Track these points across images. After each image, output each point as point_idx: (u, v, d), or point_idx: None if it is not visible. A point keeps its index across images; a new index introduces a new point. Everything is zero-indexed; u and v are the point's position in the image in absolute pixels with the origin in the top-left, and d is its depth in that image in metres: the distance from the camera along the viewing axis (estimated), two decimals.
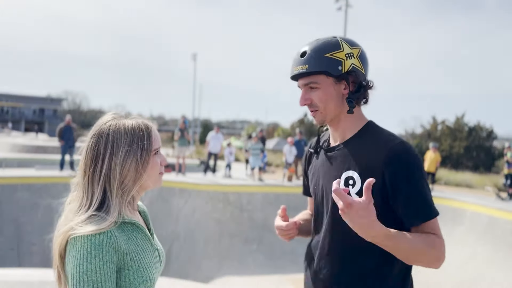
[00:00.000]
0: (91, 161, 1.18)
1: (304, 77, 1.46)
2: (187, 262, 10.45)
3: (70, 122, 12.36)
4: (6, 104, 60.96)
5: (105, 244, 1.08)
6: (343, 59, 1.41)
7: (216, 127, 13.93)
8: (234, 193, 11.74)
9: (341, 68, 1.41)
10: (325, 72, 1.41)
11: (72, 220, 1.14)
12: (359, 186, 1.39)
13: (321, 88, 1.44)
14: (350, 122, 1.49)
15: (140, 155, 1.19)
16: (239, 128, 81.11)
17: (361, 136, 1.47)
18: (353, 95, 1.44)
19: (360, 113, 1.51)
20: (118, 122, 1.21)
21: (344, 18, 26.37)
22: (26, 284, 4.29)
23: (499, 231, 9.77)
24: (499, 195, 12.37)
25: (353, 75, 1.43)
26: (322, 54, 1.41)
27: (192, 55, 41.57)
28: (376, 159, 1.37)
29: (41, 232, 10.84)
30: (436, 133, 32.66)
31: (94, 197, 1.16)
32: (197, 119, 50.47)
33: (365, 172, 1.39)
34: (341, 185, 1.42)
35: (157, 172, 1.25)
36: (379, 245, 1.29)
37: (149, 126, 1.24)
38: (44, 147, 22.21)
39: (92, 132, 1.21)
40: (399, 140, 1.39)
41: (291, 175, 13.40)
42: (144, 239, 1.22)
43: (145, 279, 1.16)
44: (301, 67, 1.43)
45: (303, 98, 1.48)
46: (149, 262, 1.20)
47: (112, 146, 1.17)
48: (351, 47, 1.44)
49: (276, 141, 35.74)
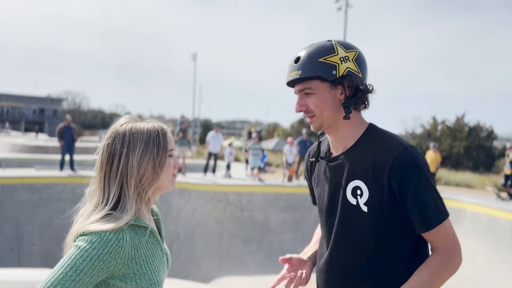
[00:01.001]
0: (107, 159, 1.20)
1: (299, 83, 1.43)
2: (187, 262, 10.45)
3: (70, 122, 12.36)
4: (6, 104, 60.98)
5: (111, 244, 1.09)
6: (338, 63, 1.37)
7: (216, 127, 13.93)
8: (234, 193, 11.74)
9: (336, 73, 1.37)
10: (319, 77, 1.38)
11: (87, 219, 1.15)
12: (367, 196, 1.37)
13: (316, 93, 1.40)
14: (349, 128, 1.45)
15: (156, 154, 1.21)
16: (239, 128, 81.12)
17: (363, 142, 1.43)
18: (349, 100, 1.40)
19: (359, 118, 1.47)
20: (134, 124, 1.24)
21: (344, 18, 26.40)
22: (26, 284, 4.29)
23: (499, 231, 9.77)
24: (499, 195, 12.38)
25: (348, 79, 1.39)
26: (315, 58, 1.38)
27: (192, 55, 41.64)
28: (381, 167, 1.35)
29: (41, 232, 10.91)
30: (436, 133, 32.69)
31: (110, 195, 1.18)
32: (197, 119, 50.50)
33: (371, 181, 1.36)
34: (348, 195, 1.41)
35: (171, 173, 1.27)
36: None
37: (164, 128, 1.27)
38: (44, 147, 22.22)
39: (108, 133, 1.23)
40: (402, 147, 1.35)
41: (291, 175, 13.40)
42: (155, 243, 1.24)
43: (152, 282, 1.17)
44: (295, 73, 1.41)
45: (299, 105, 1.44)
46: (158, 266, 1.21)
47: (129, 145, 1.19)
48: (346, 50, 1.40)
49: (276, 141, 35.77)
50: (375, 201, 1.36)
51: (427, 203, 1.33)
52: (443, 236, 1.36)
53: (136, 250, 1.14)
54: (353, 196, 1.40)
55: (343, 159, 1.45)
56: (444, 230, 1.35)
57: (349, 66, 1.39)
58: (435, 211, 1.33)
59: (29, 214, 10.60)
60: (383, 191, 1.34)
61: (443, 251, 1.36)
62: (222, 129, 61.06)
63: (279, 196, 11.99)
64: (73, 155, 12.28)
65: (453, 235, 1.38)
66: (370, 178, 1.37)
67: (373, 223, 1.37)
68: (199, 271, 10.14)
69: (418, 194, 1.32)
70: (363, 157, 1.40)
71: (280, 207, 11.85)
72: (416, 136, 34.67)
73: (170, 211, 11.39)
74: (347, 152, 1.45)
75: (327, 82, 1.39)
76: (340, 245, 1.45)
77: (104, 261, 1.08)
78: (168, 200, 11.50)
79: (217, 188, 11.80)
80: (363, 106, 1.45)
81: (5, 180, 10.91)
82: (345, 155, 1.45)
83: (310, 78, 1.39)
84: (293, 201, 11.98)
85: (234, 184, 12.32)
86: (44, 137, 35.72)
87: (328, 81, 1.38)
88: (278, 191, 12.17)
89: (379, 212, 1.36)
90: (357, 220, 1.39)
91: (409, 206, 1.33)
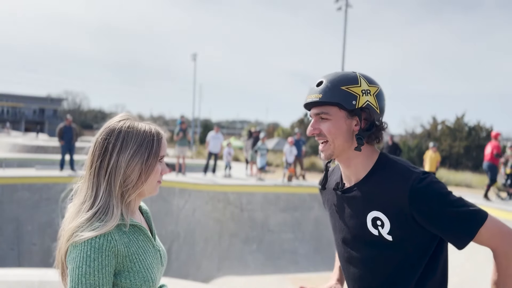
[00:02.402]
0: (98, 155, 1.19)
1: (317, 106, 1.43)
2: (187, 262, 10.46)
3: (70, 122, 12.36)
4: (6, 104, 60.96)
5: (104, 248, 1.10)
6: (359, 94, 1.39)
7: (216, 127, 13.93)
8: (234, 193, 11.74)
9: (355, 103, 1.38)
10: (339, 104, 1.38)
11: (75, 218, 1.15)
12: (389, 226, 1.37)
13: (332, 120, 1.41)
14: (362, 159, 1.45)
15: (146, 158, 1.20)
16: (239, 128, 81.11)
17: (375, 173, 1.43)
18: (363, 132, 1.41)
19: (371, 149, 1.47)
20: (131, 123, 1.23)
21: (344, 18, 26.39)
22: (26, 284, 4.29)
23: None
24: (499, 195, 12.37)
25: (366, 112, 1.40)
26: (338, 86, 1.39)
27: (192, 55, 41.60)
28: (399, 199, 1.34)
29: (41, 232, 10.91)
30: (436, 133, 32.67)
31: (99, 192, 1.17)
32: (197, 119, 50.46)
33: (391, 212, 1.36)
34: (369, 226, 1.41)
35: (156, 179, 1.26)
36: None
37: (160, 133, 1.27)
38: (44, 147, 22.23)
39: (103, 128, 1.23)
40: (415, 176, 1.34)
41: (291, 175, 13.40)
42: (146, 240, 1.24)
43: (146, 279, 1.17)
44: (315, 96, 1.42)
45: (313, 127, 1.45)
46: (151, 263, 1.21)
47: (122, 143, 1.19)
48: (369, 84, 1.42)
49: (276, 141, 35.74)
50: (398, 230, 1.36)
51: (456, 219, 1.31)
52: (489, 237, 1.32)
53: (128, 248, 1.15)
54: (374, 227, 1.40)
55: (358, 190, 1.45)
56: (487, 231, 1.31)
57: (369, 100, 1.40)
58: (468, 219, 1.31)
59: (29, 214, 10.60)
60: (405, 220, 1.34)
61: (498, 250, 1.34)
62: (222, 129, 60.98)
63: (279, 196, 11.99)
64: (73, 155, 12.28)
65: (501, 231, 1.33)
66: (389, 208, 1.36)
67: (400, 250, 1.38)
68: (199, 271, 10.14)
69: (444, 216, 1.30)
70: (378, 188, 1.40)
71: (280, 207, 11.85)
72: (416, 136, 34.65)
73: (170, 211, 11.40)
74: (361, 183, 1.45)
75: (345, 111, 1.40)
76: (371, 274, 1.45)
77: (107, 266, 1.10)
78: (168, 200, 11.50)
79: (217, 188, 11.80)
80: (377, 141, 1.46)
81: (5, 180, 10.92)
82: (359, 186, 1.45)
83: (329, 104, 1.40)
84: (293, 201, 11.99)
85: (234, 184, 12.32)
86: (44, 137, 35.73)
87: (346, 110, 1.39)
88: (278, 191, 12.17)
89: (404, 239, 1.36)
90: (383, 250, 1.40)
91: (440, 229, 1.32)
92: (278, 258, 10.65)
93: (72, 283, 1.08)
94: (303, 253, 10.81)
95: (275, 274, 9.90)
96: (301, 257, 10.72)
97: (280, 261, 10.50)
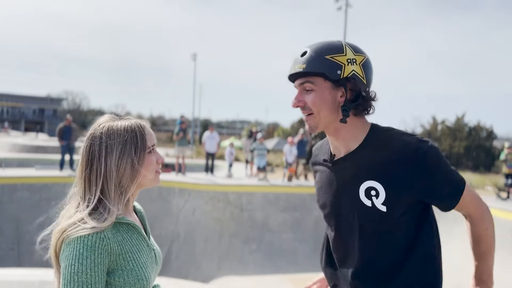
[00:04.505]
0: (86, 163, 1.20)
1: (301, 77, 1.38)
2: (187, 262, 10.45)
3: (70, 122, 12.36)
4: (6, 104, 60.95)
5: (97, 246, 1.10)
6: (344, 63, 1.33)
7: (210, 127, 14.00)
8: (234, 193, 11.74)
9: (340, 73, 1.32)
10: (323, 74, 1.33)
11: (69, 218, 1.16)
12: (384, 195, 1.34)
13: (317, 91, 1.36)
14: (351, 131, 1.40)
15: (134, 153, 1.20)
16: (239, 128, 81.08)
17: (370, 143, 1.39)
18: (349, 104, 1.36)
19: (361, 120, 1.42)
20: (111, 124, 1.23)
21: (344, 17, 26.40)
22: (26, 284, 4.29)
23: (499, 231, 9.71)
24: (499, 195, 12.38)
25: (352, 82, 1.34)
26: (322, 55, 1.34)
27: (192, 55, 41.62)
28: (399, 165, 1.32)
29: (41, 232, 10.83)
30: (436, 133, 32.68)
31: (92, 197, 1.18)
32: (197, 119, 50.47)
33: (389, 180, 1.34)
34: (362, 197, 1.38)
35: (153, 170, 1.26)
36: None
37: (142, 124, 1.26)
38: (44, 147, 22.22)
39: (87, 134, 1.23)
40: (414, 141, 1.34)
41: (291, 175, 13.41)
42: (140, 239, 1.24)
43: (140, 278, 1.17)
44: (299, 66, 1.36)
45: (296, 100, 1.40)
46: (145, 261, 1.21)
47: (106, 147, 1.19)
48: (355, 53, 1.36)
49: (276, 141, 35.72)
50: (393, 200, 1.34)
51: (451, 181, 1.37)
52: (469, 201, 1.41)
53: (121, 246, 1.15)
54: (367, 197, 1.37)
55: (349, 161, 1.41)
56: (469, 195, 1.40)
57: (355, 69, 1.34)
58: (457, 183, 1.38)
59: (29, 214, 10.59)
60: (403, 188, 1.32)
61: (476, 215, 1.45)
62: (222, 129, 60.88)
63: (279, 196, 11.99)
64: (73, 155, 12.28)
65: (475, 196, 1.43)
66: (387, 176, 1.34)
67: (392, 221, 1.36)
68: (199, 271, 10.14)
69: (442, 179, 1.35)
70: (374, 157, 1.37)
71: (280, 207, 11.85)
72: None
73: (170, 211, 11.40)
74: (353, 153, 1.41)
75: (330, 81, 1.34)
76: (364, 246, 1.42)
77: (100, 264, 1.10)
78: (168, 200, 11.50)
79: (217, 188, 11.80)
80: (365, 112, 1.41)
81: (5, 180, 10.92)
82: (352, 156, 1.41)
83: (313, 74, 1.35)
84: (293, 201, 11.98)
85: (234, 184, 12.32)
86: (44, 137, 35.70)
87: (331, 80, 1.34)
88: (278, 191, 12.17)
89: (397, 209, 1.35)
90: (376, 220, 1.37)
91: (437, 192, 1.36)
92: (278, 258, 10.65)
93: (64, 280, 1.08)
94: (303, 253, 10.79)
95: (275, 274, 9.89)
96: (301, 257, 10.70)
97: (280, 261, 10.50)
